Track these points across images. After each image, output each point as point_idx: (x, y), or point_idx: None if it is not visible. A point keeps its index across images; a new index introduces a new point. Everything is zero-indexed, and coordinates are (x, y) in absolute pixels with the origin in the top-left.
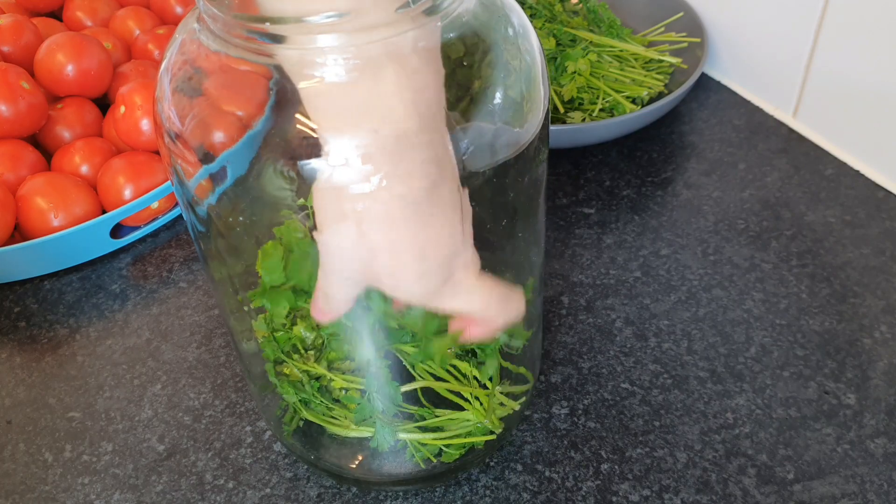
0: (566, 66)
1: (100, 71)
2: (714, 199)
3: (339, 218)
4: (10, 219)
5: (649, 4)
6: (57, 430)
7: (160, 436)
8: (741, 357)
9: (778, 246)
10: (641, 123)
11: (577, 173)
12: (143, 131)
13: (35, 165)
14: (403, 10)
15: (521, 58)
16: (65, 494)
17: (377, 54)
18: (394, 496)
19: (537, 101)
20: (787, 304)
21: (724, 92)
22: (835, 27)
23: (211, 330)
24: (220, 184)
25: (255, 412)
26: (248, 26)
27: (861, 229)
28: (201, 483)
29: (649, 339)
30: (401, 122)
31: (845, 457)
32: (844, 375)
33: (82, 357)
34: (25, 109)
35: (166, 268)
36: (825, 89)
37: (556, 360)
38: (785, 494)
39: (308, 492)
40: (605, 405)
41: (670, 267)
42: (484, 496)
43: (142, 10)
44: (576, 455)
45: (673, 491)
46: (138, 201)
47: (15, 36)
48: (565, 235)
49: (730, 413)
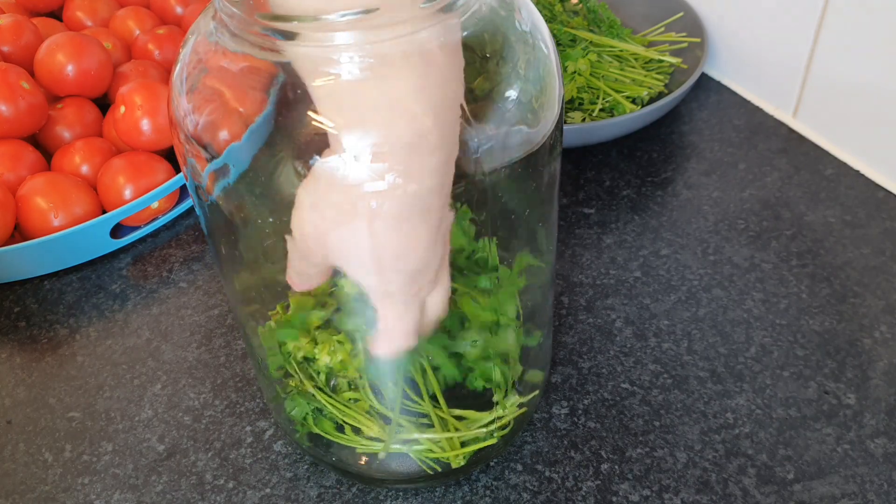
0: (566, 67)
1: (100, 71)
2: (714, 199)
3: (348, 213)
4: (10, 219)
5: (649, 4)
6: (57, 430)
7: (160, 436)
8: (741, 357)
9: (778, 246)
10: (641, 123)
11: (577, 173)
12: (143, 131)
13: (35, 165)
14: (427, 4)
15: (537, 50)
16: (65, 494)
17: (396, 52)
18: (394, 496)
19: (552, 95)
20: (787, 304)
21: (724, 92)
22: (835, 27)
23: (211, 330)
24: (235, 180)
25: (255, 412)
26: (268, 25)
27: (861, 229)
28: (201, 483)
29: (649, 339)
30: (416, 120)
31: (845, 457)
32: (844, 375)
33: (82, 357)
34: (25, 109)
35: (166, 268)
36: (825, 89)
37: (556, 360)
38: (785, 494)
39: (308, 492)
40: (605, 405)
41: (670, 267)
42: (484, 496)
43: (142, 10)
44: (576, 455)
45: (673, 491)
46: (138, 201)
47: (15, 36)
48: (565, 235)
49: (730, 413)
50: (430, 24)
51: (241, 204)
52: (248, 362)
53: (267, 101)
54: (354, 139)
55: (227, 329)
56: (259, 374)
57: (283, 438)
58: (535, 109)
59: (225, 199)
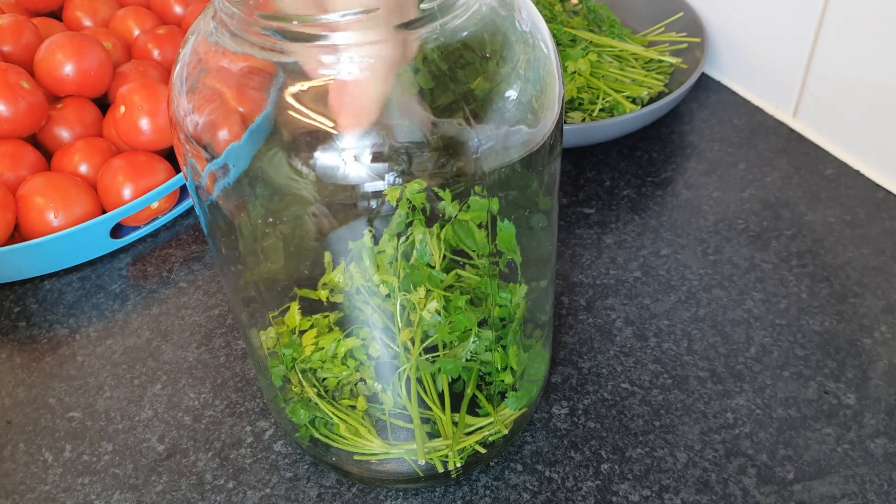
0: (566, 67)
1: (100, 71)
2: (714, 199)
3: None
4: (10, 219)
5: (649, 4)
6: (57, 430)
7: (160, 436)
8: (741, 357)
9: (778, 246)
10: (641, 123)
11: (577, 173)
12: (143, 131)
13: (35, 165)
14: (429, 3)
15: (537, 50)
16: (65, 494)
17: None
18: (394, 496)
19: (552, 95)
20: (787, 304)
21: (724, 92)
22: (835, 27)
23: (211, 330)
24: (235, 180)
25: (255, 412)
26: (268, 25)
27: (861, 229)
28: (201, 483)
29: (649, 339)
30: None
31: (845, 457)
32: (844, 375)
33: (82, 357)
34: (25, 109)
35: (166, 268)
36: (825, 89)
37: (556, 360)
38: (785, 494)
39: (308, 492)
40: (605, 405)
41: (670, 267)
42: (484, 496)
43: (142, 10)
44: (576, 455)
45: (673, 491)
46: (138, 201)
47: (15, 36)
48: (565, 235)
49: (730, 413)
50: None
51: (241, 204)
52: (248, 362)
53: (267, 101)
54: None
55: (227, 329)
56: (259, 375)
57: (283, 438)
58: (535, 109)
59: (225, 199)
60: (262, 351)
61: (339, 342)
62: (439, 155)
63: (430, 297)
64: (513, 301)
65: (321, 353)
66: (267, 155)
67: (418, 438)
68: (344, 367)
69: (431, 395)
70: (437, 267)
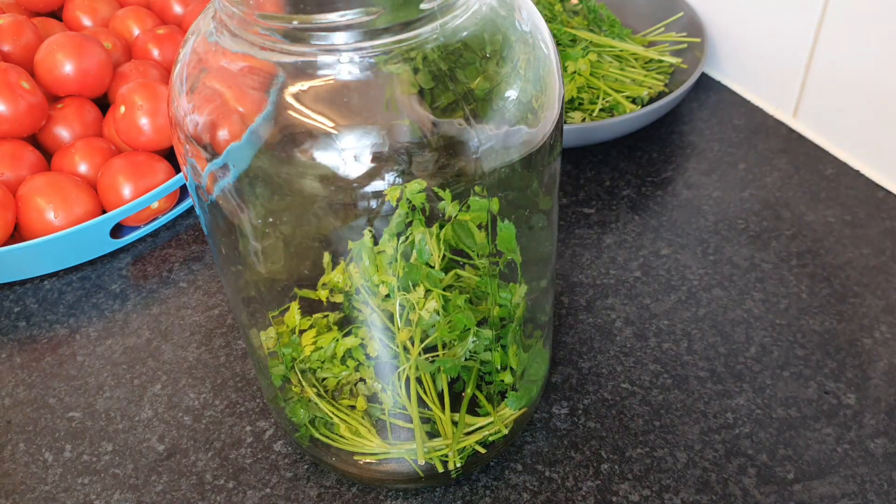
0: (566, 67)
1: (100, 71)
2: (714, 199)
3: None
4: (10, 219)
5: (649, 4)
6: (57, 430)
7: (160, 436)
8: (741, 357)
9: (778, 246)
10: (641, 123)
11: (577, 173)
12: (144, 131)
13: (35, 165)
14: (429, 3)
15: (537, 50)
16: (65, 494)
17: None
18: (394, 496)
19: (552, 95)
20: (787, 304)
21: (724, 92)
22: (835, 27)
23: (211, 330)
24: (235, 180)
25: (255, 412)
26: (268, 25)
27: (861, 229)
28: (201, 483)
29: (649, 339)
30: None
31: (845, 457)
32: (844, 375)
33: (82, 357)
34: (25, 109)
35: (166, 268)
36: (825, 89)
37: (556, 360)
38: (785, 494)
39: (308, 492)
40: (605, 405)
41: (670, 267)
42: (484, 496)
43: (142, 10)
44: (576, 455)
45: (673, 491)
46: (138, 201)
47: (15, 36)
48: (565, 235)
49: (730, 413)
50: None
51: (241, 204)
52: (248, 362)
53: (267, 101)
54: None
55: (227, 329)
56: (259, 375)
57: (283, 438)
58: (535, 109)
59: (225, 199)
60: (261, 351)
61: (338, 342)
62: (439, 155)
63: (429, 297)
64: (512, 301)
65: (320, 352)
66: (267, 155)
67: (418, 438)
68: (343, 366)
69: (431, 395)
70: (437, 267)
